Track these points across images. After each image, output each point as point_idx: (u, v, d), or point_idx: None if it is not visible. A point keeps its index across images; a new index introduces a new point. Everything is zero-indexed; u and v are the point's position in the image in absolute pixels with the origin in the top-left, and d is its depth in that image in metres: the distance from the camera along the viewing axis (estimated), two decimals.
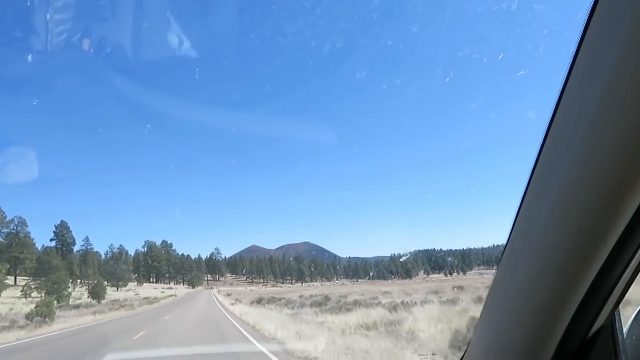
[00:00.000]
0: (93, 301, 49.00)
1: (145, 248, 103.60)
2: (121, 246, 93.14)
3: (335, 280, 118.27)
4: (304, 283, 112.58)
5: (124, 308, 41.96)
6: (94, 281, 58.78)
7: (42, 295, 44.95)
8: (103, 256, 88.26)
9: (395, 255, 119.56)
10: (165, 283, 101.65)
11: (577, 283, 1.11)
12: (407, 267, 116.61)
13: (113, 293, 64.94)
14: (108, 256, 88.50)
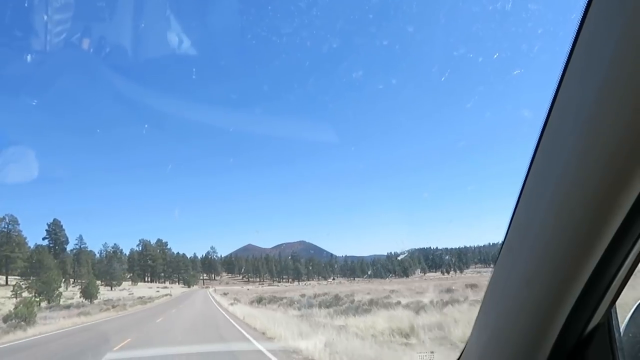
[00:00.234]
0: (85, 301, 47.81)
1: (140, 247, 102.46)
2: (115, 245, 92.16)
3: (331, 279, 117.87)
4: (301, 282, 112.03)
5: (115, 309, 39.95)
6: (87, 281, 57.42)
7: (33, 295, 43.59)
8: (97, 255, 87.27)
9: (391, 254, 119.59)
10: (160, 282, 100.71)
11: (574, 280, 1.12)
12: (404, 266, 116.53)
13: (107, 293, 63.94)
14: (102, 255, 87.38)
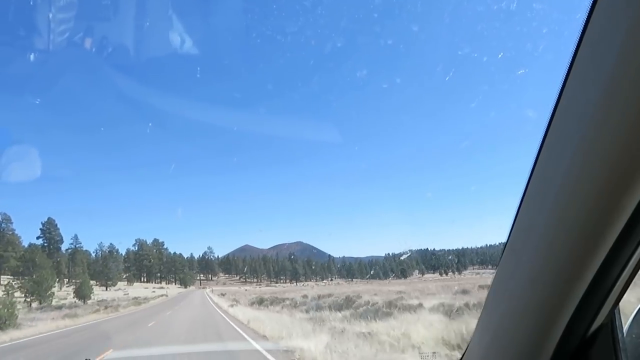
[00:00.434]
0: (79, 302, 46.71)
1: (136, 246, 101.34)
2: (111, 244, 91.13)
3: (329, 280, 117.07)
4: (298, 283, 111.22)
5: (105, 310, 37.60)
6: (81, 280, 56.19)
7: (24, 295, 42.36)
8: (93, 255, 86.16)
9: (390, 254, 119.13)
10: (156, 282, 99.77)
11: (577, 281, 1.12)
12: (403, 267, 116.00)
13: (101, 293, 63.03)
14: (98, 255, 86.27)
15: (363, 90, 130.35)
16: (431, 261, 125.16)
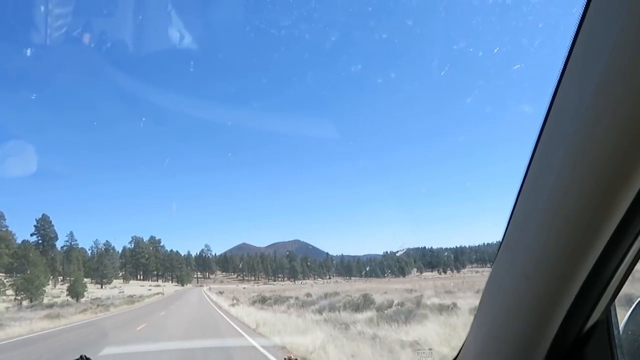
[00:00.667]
0: (71, 300, 45.20)
1: (132, 244, 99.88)
2: (107, 242, 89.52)
3: (328, 278, 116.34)
4: (297, 281, 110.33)
5: (93, 310, 34.03)
6: (74, 278, 54.88)
7: (15, 292, 41.10)
8: (89, 252, 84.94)
9: (388, 253, 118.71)
10: (153, 280, 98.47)
11: (573, 278, 1.12)
12: (401, 265, 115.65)
13: (96, 291, 61.56)
14: (94, 252, 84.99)
15: (358, 85, 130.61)
16: (429, 259, 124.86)
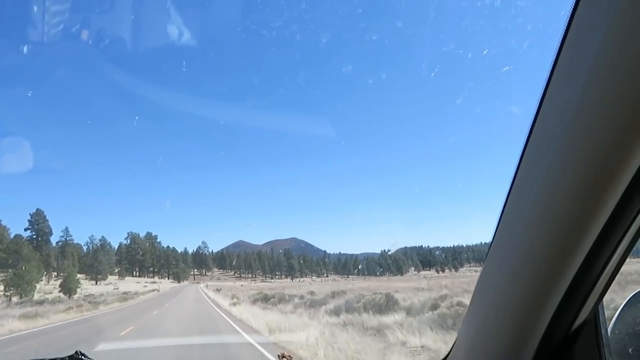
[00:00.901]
0: (63, 296, 44.08)
1: (128, 240, 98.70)
2: (103, 238, 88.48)
3: (325, 276, 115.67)
4: (294, 279, 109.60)
5: (79, 308, 30.71)
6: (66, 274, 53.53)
7: (5, 288, 39.83)
8: (84, 248, 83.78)
9: (385, 251, 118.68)
10: (149, 277, 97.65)
11: (560, 277, 1.13)
12: (399, 264, 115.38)
13: (91, 287, 60.63)
14: (89, 248, 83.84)
15: (350, 85, 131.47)
16: (426, 258, 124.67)
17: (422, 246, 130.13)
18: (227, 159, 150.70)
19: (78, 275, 60.08)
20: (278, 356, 2.46)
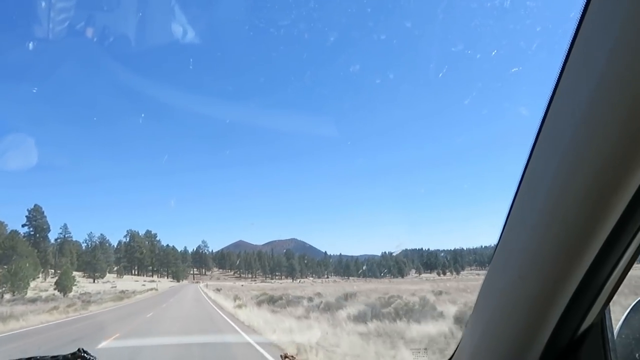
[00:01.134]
0: (58, 294, 42.88)
1: (127, 238, 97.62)
2: (102, 235, 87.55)
3: (326, 277, 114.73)
4: (295, 280, 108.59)
5: (61, 309, 27.71)
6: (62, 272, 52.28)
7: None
8: (83, 246, 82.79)
9: (386, 253, 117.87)
10: (148, 275, 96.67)
11: (567, 280, 1.12)
12: (400, 266, 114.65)
13: (88, 285, 59.69)
14: (88, 246, 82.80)
15: (357, 85, 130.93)
16: (427, 260, 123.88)
17: (423, 248, 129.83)
18: (229, 159, 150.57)
19: (76, 273, 59.06)
20: (280, 356, 2.36)
